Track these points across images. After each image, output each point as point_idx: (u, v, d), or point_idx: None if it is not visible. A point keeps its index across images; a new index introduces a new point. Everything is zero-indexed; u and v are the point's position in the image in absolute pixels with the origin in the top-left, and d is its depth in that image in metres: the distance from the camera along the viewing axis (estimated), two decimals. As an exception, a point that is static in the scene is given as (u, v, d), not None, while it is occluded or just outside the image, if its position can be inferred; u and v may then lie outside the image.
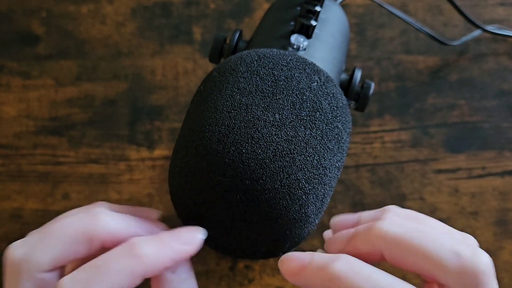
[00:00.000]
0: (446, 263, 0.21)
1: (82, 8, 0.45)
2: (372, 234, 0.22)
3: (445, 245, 0.21)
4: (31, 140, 0.42)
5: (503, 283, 0.39)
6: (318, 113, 0.24)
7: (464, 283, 0.21)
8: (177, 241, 0.22)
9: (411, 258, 0.21)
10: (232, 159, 0.23)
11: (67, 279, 0.21)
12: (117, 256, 0.21)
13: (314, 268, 0.22)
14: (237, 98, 0.24)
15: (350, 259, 0.21)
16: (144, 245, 0.21)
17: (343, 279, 0.20)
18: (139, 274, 0.21)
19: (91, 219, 0.23)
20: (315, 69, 0.26)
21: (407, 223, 0.22)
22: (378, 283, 0.20)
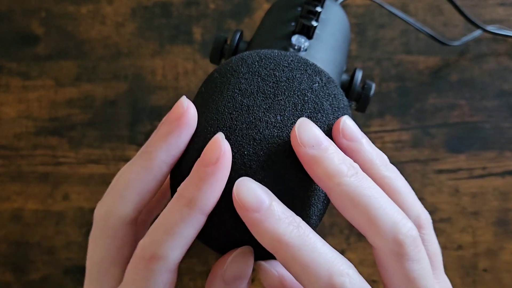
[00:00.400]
0: (381, 229, 0.22)
1: (81, 9, 0.45)
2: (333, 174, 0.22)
3: (389, 214, 0.22)
4: (31, 140, 0.42)
5: (504, 283, 0.39)
6: (319, 114, 0.24)
7: (390, 249, 0.22)
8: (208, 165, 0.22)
9: (353, 213, 0.22)
10: (233, 161, 0.23)
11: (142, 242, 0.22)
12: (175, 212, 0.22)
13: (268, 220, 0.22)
14: (239, 99, 0.24)
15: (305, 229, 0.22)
16: (188, 191, 0.22)
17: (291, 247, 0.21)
18: (199, 217, 0.22)
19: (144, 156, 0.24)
20: (317, 70, 0.26)
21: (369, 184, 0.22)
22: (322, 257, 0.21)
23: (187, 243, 0.22)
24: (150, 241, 0.22)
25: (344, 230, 0.40)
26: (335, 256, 0.21)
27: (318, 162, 0.22)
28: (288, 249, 0.21)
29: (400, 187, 0.24)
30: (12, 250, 0.40)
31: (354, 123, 0.25)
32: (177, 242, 0.22)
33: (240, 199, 0.22)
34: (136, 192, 0.24)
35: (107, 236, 0.24)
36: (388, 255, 0.22)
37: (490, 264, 0.40)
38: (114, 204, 0.24)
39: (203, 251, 0.40)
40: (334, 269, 0.21)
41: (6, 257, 0.40)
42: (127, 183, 0.24)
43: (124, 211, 0.24)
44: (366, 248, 0.40)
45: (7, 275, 0.40)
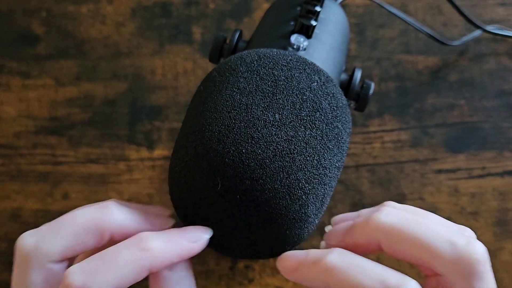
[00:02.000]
0: (441, 252, 0.21)
1: (82, 8, 0.45)
2: (369, 225, 0.23)
3: (440, 235, 0.21)
4: (30, 140, 0.42)
5: (503, 283, 0.39)
6: (318, 113, 0.24)
7: (459, 272, 0.21)
8: (184, 238, 0.23)
9: (407, 247, 0.22)
10: (232, 159, 0.23)
11: (74, 268, 0.21)
12: (125, 248, 0.21)
13: (309, 262, 0.22)
14: (237, 98, 0.24)
15: (343, 251, 0.22)
16: (153, 239, 0.22)
17: (337, 271, 0.21)
18: (146, 267, 0.21)
19: (101, 211, 0.23)
20: (315, 69, 0.26)
21: (404, 214, 0.23)
22: (371, 273, 0.21)
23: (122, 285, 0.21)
24: (85, 268, 0.21)
25: (343, 230, 0.40)
26: (385, 269, 0.21)
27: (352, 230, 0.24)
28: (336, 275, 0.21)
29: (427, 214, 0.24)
30: (11, 249, 0.40)
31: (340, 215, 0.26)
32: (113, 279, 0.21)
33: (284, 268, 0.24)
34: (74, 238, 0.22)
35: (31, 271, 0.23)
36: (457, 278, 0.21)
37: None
38: (45, 238, 0.23)
39: (203, 251, 0.40)
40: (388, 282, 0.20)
41: (5, 256, 0.40)
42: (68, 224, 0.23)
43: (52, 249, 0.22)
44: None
45: (6, 274, 0.40)
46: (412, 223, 0.22)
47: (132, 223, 0.23)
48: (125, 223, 0.23)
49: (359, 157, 0.41)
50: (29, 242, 0.23)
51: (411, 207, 0.24)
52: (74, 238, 0.22)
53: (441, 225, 0.22)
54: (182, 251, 0.22)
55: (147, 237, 0.22)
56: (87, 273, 0.21)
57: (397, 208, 0.24)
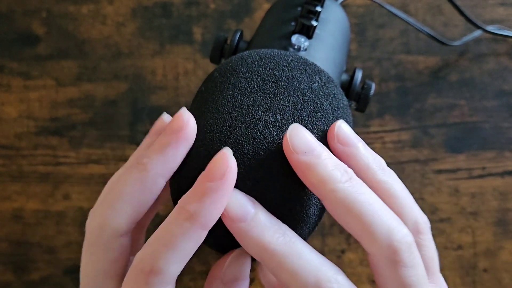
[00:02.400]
0: (374, 235, 0.21)
1: (82, 8, 0.45)
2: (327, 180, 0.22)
3: (384, 221, 0.22)
4: (31, 140, 0.42)
5: (503, 283, 0.39)
6: (319, 114, 0.24)
7: (385, 256, 0.22)
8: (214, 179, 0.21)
9: (347, 218, 0.22)
10: (233, 160, 0.23)
11: (139, 255, 0.22)
12: (175, 225, 0.21)
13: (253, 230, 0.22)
14: (238, 99, 0.24)
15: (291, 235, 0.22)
16: (190, 205, 0.21)
17: (277, 254, 0.21)
18: (199, 232, 0.21)
19: (141, 171, 0.23)
20: (316, 69, 0.26)
21: (364, 190, 0.22)
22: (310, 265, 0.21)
23: (187, 257, 0.22)
24: (149, 254, 0.21)
25: (344, 230, 0.40)
26: (323, 263, 0.21)
27: (310, 168, 0.22)
28: (274, 257, 0.21)
29: (397, 191, 0.24)
30: (12, 250, 0.41)
31: (350, 128, 0.24)
32: (177, 256, 0.21)
33: (226, 210, 0.22)
34: (130, 205, 0.23)
35: (101, 249, 0.23)
36: (383, 262, 0.22)
37: (489, 264, 0.40)
38: (107, 216, 0.23)
39: (203, 251, 0.40)
40: (321, 276, 0.21)
41: (6, 257, 0.40)
42: (121, 194, 0.23)
43: (118, 224, 0.23)
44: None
45: (7, 275, 0.40)
46: (365, 201, 0.22)
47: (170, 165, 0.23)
48: (166, 169, 0.23)
49: (360, 157, 0.41)
50: (96, 224, 0.23)
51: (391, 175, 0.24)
52: (134, 207, 0.23)
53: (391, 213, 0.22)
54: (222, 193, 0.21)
55: (185, 204, 0.21)
56: (153, 257, 0.21)
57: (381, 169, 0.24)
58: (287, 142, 0.22)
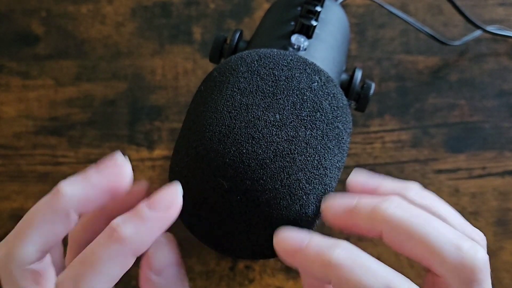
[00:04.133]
0: (444, 255, 0.21)
1: (81, 8, 0.45)
2: (375, 214, 0.22)
3: (447, 237, 0.21)
4: (30, 140, 0.42)
5: (504, 283, 0.39)
6: (318, 113, 0.24)
7: (459, 277, 0.21)
8: (156, 210, 0.21)
9: (410, 245, 0.21)
10: (232, 160, 0.23)
11: (60, 278, 0.21)
12: (101, 245, 0.20)
13: (311, 251, 0.21)
14: (238, 98, 0.24)
15: (351, 248, 0.21)
16: (124, 227, 0.20)
17: (343, 268, 0.20)
18: (128, 256, 0.20)
19: (54, 197, 0.22)
20: (316, 69, 0.26)
21: (414, 210, 0.22)
22: (378, 276, 0.20)
23: (112, 282, 0.20)
24: (70, 277, 0.20)
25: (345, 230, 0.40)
26: (392, 273, 0.20)
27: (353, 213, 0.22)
28: (341, 272, 0.20)
29: (444, 213, 0.23)
30: (11, 250, 0.40)
31: (361, 175, 0.24)
32: (100, 280, 0.20)
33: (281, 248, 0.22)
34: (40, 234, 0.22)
35: (9, 282, 0.22)
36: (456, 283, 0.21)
37: (489, 264, 0.40)
38: (14, 247, 0.22)
39: (203, 251, 0.40)
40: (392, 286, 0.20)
41: (5, 257, 0.40)
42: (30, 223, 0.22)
43: (25, 253, 0.21)
44: (366, 248, 0.39)
45: (6, 275, 0.40)
46: (420, 221, 0.21)
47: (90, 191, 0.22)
48: (83, 195, 0.22)
49: (360, 157, 0.41)
50: (1, 255, 0.22)
51: (430, 197, 0.24)
52: (41, 234, 0.22)
53: (449, 227, 0.22)
54: (159, 225, 0.21)
55: (117, 226, 0.20)
56: (74, 280, 0.20)
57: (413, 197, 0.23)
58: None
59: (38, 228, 0.21)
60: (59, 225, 0.22)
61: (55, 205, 0.21)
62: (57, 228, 0.22)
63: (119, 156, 0.22)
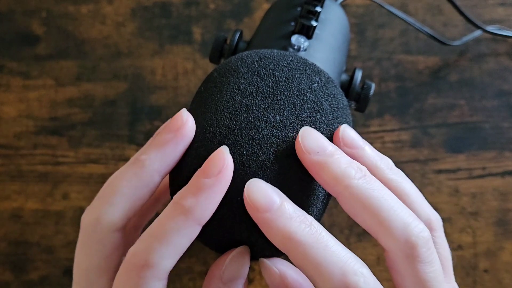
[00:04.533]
0: (391, 230, 0.22)
1: (82, 8, 0.45)
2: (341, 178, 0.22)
3: (398, 214, 0.22)
4: (31, 140, 0.42)
5: (504, 283, 0.39)
6: (319, 114, 0.24)
7: (402, 252, 0.22)
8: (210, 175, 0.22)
9: (363, 215, 0.22)
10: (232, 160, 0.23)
11: (133, 249, 0.22)
12: (168, 219, 0.22)
13: (278, 219, 0.21)
14: (238, 99, 0.24)
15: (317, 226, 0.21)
16: (186, 200, 0.22)
17: (302, 245, 0.21)
18: (194, 226, 0.22)
19: (136, 163, 0.23)
20: (316, 69, 0.26)
21: (376, 184, 0.22)
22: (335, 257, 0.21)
23: (180, 252, 0.22)
24: (142, 248, 0.22)
25: (344, 230, 0.40)
26: (349, 255, 0.21)
27: (324, 167, 0.22)
28: (300, 248, 0.21)
29: (407, 189, 0.24)
30: (11, 249, 0.40)
31: (354, 131, 0.25)
32: (170, 250, 0.21)
33: (251, 200, 0.22)
34: (126, 199, 0.23)
35: (95, 244, 0.23)
36: (400, 257, 0.22)
37: (489, 264, 0.40)
38: (103, 211, 0.23)
39: (203, 251, 0.40)
40: (347, 268, 0.21)
41: (5, 256, 0.40)
42: (117, 189, 0.23)
43: (113, 219, 0.23)
44: (366, 248, 0.40)
45: (6, 274, 0.40)
46: (378, 194, 0.22)
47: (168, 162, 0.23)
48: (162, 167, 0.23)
49: (360, 157, 0.41)
50: (91, 219, 0.23)
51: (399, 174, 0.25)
52: (129, 201, 0.23)
53: (404, 207, 0.22)
54: (217, 189, 0.22)
55: (180, 199, 0.22)
56: (146, 252, 0.21)
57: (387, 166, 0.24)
58: (300, 144, 0.23)
59: (125, 195, 0.23)
60: (143, 190, 0.23)
61: (140, 172, 0.23)
62: (142, 194, 0.23)
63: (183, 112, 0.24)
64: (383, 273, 0.39)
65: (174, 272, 0.41)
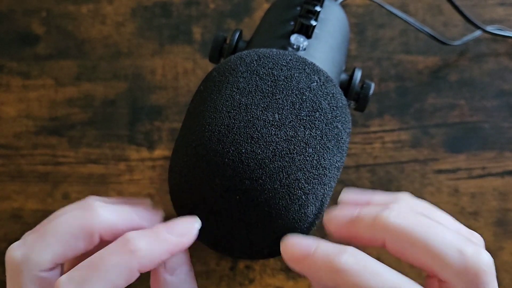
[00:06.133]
0: (448, 260, 0.21)
1: (82, 8, 0.45)
2: (377, 223, 0.22)
3: (449, 242, 0.21)
4: (31, 140, 0.42)
5: (504, 284, 0.39)
6: (317, 113, 0.24)
7: (465, 281, 0.21)
8: (172, 233, 0.22)
9: (414, 252, 0.21)
10: (231, 159, 0.23)
11: (64, 278, 0.21)
12: (111, 253, 0.21)
13: (319, 258, 0.21)
14: (237, 98, 0.24)
15: (358, 253, 0.21)
16: (139, 240, 0.21)
17: (350, 274, 0.20)
18: (135, 269, 0.21)
19: (87, 214, 0.22)
20: (315, 69, 0.26)
21: (414, 217, 0.22)
22: (386, 281, 0.20)
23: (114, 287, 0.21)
24: (73, 278, 0.21)
25: (344, 230, 0.40)
26: (401, 278, 0.21)
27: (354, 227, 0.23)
28: (349, 278, 0.20)
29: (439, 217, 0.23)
30: (11, 249, 0.40)
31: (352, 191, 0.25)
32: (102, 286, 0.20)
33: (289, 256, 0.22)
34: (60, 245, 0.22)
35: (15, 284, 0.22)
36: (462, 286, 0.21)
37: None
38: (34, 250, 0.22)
39: (202, 251, 0.40)
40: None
41: (5, 256, 0.40)
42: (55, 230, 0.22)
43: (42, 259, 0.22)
44: (365, 248, 0.40)
45: (6, 274, 0.40)
46: (422, 227, 0.21)
47: (120, 220, 0.23)
48: (113, 221, 0.23)
49: (359, 157, 0.41)
50: (18, 254, 0.22)
51: (424, 205, 0.24)
52: (62, 245, 0.22)
53: (450, 230, 0.22)
54: (171, 247, 0.22)
55: (132, 238, 0.21)
56: (77, 282, 0.20)
57: (409, 207, 0.23)
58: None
59: (61, 238, 0.22)
60: (81, 242, 0.22)
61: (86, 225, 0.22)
62: (79, 245, 0.22)
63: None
64: (383, 273, 0.39)
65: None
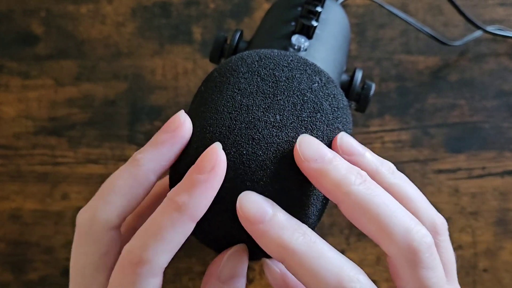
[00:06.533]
0: (393, 236, 0.21)
1: (81, 8, 0.45)
2: (340, 185, 0.22)
3: (400, 220, 0.22)
4: (30, 140, 0.42)
5: (504, 284, 0.39)
6: (319, 114, 0.24)
7: (405, 258, 0.22)
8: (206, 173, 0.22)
9: (364, 221, 0.22)
10: (232, 161, 0.23)
11: (128, 246, 0.22)
12: (163, 215, 0.22)
13: (271, 229, 0.21)
14: (238, 99, 0.24)
15: (311, 234, 0.22)
16: (179, 196, 0.22)
17: (296, 253, 0.21)
18: (188, 223, 0.22)
19: (133, 163, 0.24)
20: (316, 70, 0.26)
21: (377, 189, 0.22)
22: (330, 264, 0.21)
23: (175, 249, 0.22)
24: (137, 245, 0.22)
25: (344, 230, 0.40)
26: (344, 262, 0.21)
27: (323, 174, 0.22)
28: (295, 257, 0.21)
29: (410, 193, 0.24)
30: (10, 250, 0.40)
31: (352, 138, 0.24)
32: (164, 247, 0.21)
33: (244, 212, 0.22)
34: (122, 198, 0.23)
35: (91, 242, 0.23)
36: (402, 263, 0.22)
37: (489, 264, 0.40)
38: (98, 209, 0.23)
39: (202, 251, 0.40)
40: (343, 275, 0.21)
41: (4, 257, 0.40)
42: (113, 188, 0.24)
43: (109, 217, 0.23)
44: (366, 248, 0.40)
45: (5, 275, 0.40)
46: (379, 200, 0.22)
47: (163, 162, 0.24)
48: (158, 165, 0.24)
49: (360, 157, 0.41)
50: (87, 217, 0.24)
51: (401, 177, 0.24)
52: (125, 198, 0.23)
53: (406, 212, 0.22)
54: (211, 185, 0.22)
55: (173, 196, 0.22)
56: (141, 249, 0.21)
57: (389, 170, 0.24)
58: (298, 152, 0.22)
59: (121, 194, 0.23)
60: (139, 189, 0.24)
61: (135, 171, 0.23)
62: (138, 193, 0.24)
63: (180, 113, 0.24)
64: (383, 273, 0.39)
65: (173, 272, 0.42)
